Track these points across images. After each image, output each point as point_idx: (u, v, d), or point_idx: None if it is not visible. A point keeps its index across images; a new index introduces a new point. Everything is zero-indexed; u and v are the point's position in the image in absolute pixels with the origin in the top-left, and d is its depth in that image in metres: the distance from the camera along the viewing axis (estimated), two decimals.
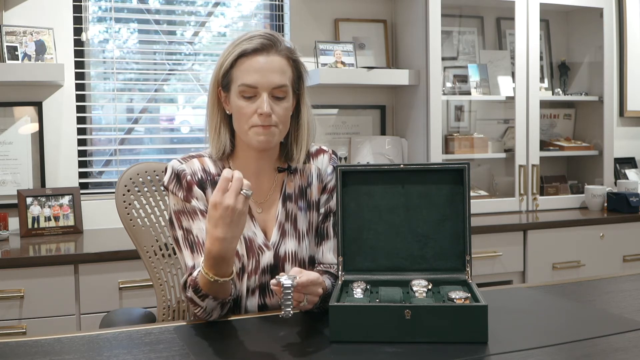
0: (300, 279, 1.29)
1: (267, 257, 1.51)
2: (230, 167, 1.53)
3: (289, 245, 1.54)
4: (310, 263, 1.58)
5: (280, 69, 1.45)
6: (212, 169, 1.52)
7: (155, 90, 3.08)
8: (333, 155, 1.64)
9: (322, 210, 1.60)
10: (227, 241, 1.27)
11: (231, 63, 1.45)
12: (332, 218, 1.60)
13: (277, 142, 1.52)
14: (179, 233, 1.48)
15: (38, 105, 2.79)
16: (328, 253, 1.58)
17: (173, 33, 3.11)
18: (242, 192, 1.25)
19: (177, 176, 1.48)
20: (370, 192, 1.47)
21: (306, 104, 1.55)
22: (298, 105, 1.54)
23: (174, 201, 1.49)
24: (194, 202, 1.47)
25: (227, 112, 1.50)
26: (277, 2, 3.22)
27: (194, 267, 1.44)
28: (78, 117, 2.88)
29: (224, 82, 1.48)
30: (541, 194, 3.32)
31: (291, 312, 1.24)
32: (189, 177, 1.47)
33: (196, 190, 1.47)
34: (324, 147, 1.64)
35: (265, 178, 1.55)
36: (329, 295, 1.40)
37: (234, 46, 1.46)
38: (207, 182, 1.50)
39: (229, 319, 1.43)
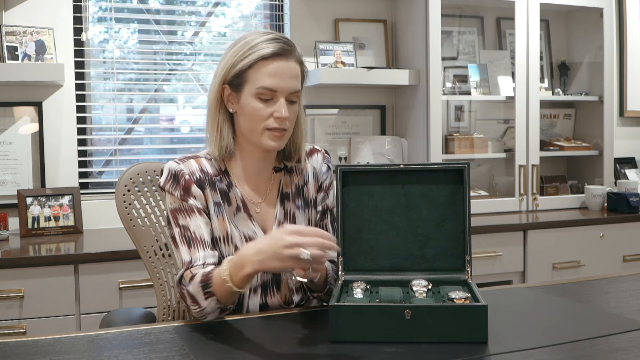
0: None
1: None
2: (227, 168, 1.54)
3: None
4: None
5: (296, 75, 1.47)
6: (209, 169, 1.52)
7: (155, 90, 3.08)
8: (326, 155, 1.66)
9: (319, 208, 1.61)
10: (261, 268, 1.29)
11: (250, 64, 1.44)
12: (329, 215, 1.62)
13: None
14: (176, 230, 1.47)
15: (38, 105, 2.79)
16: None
17: (173, 33, 3.11)
18: (304, 253, 1.22)
19: (175, 176, 1.48)
20: (370, 192, 1.47)
21: (302, 106, 1.57)
22: None
23: (170, 200, 1.49)
24: (192, 201, 1.47)
25: (231, 110, 1.50)
26: (277, 2, 3.22)
27: (190, 262, 1.43)
28: (78, 117, 2.88)
29: (235, 81, 1.47)
30: (541, 194, 3.32)
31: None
32: (187, 177, 1.47)
33: (195, 189, 1.47)
34: (317, 147, 1.66)
35: (263, 178, 1.56)
36: (329, 291, 1.43)
37: (250, 47, 1.44)
38: (205, 182, 1.50)
39: (229, 319, 1.43)
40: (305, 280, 1.28)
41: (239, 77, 1.46)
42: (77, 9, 2.86)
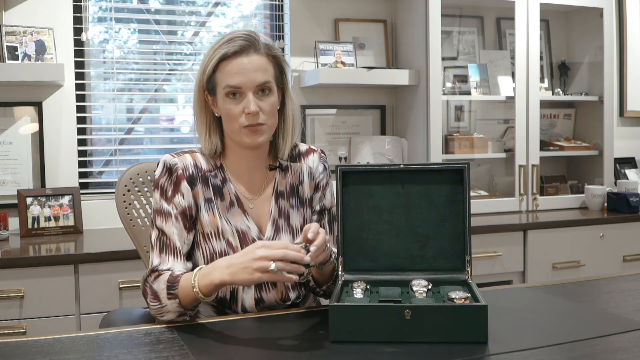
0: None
1: None
2: (222, 165, 1.56)
3: (284, 240, 1.55)
4: None
5: (261, 67, 1.48)
6: (203, 164, 1.54)
7: (155, 90, 3.08)
8: (322, 154, 1.67)
9: (317, 208, 1.63)
10: (229, 280, 1.34)
11: (213, 68, 1.48)
12: (328, 215, 1.64)
13: (268, 139, 1.55)
14: (154, 232, 1.51)
15: (38, 105, 2.79)
16: (331, 247, 1.61)
17: (173, 33, 3.10)
18: (272, 265, 1.27)
19: (169, 170, 1.51)
20: (370, 192, 1.47)
21: (291, 98, 1.58)
22: (283, 99, 1.57)
23: (156, 199, 1.51)
24: (177, 199, 1.49)
25: (217, 114, 1.53)
26: (277, 2, 3.22)
27: (157, 266, 1.46)
28: (78, 117, 2.88)
29: (209, 87, 1.51)
30: (541, 194, 3.32)
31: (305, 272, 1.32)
32: (180, 172, 1.50)
33: (184, 185, 1.50)
34: (313, 147, 1.68)
35: (257, 175, 1.58)
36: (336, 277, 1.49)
37: (214, 51, 1.49)
38: (197, 179, 1.52)
39: (229, 318, 1.43)
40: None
41: (210, 82, 1.50)
42: (77, 9, 2.86)
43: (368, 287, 1.42)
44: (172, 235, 1.48)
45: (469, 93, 3.28)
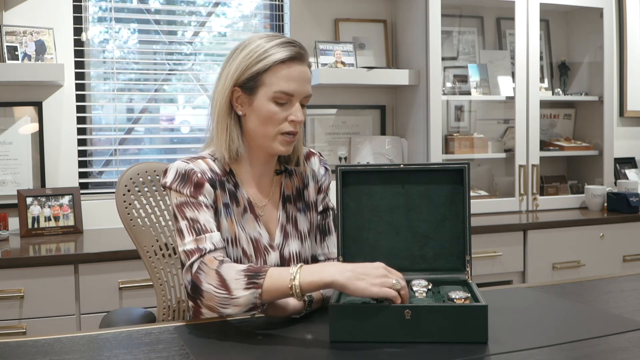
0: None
1: (273, 258, 1.52)
2: (232, 170, 1.53)
3: (293, 246, 1.55)
4: (312, 262, 1.61)
5: (309, 79, 1.49)
6: (217, 169, 1.50)
7: (155, 90, 3.08)
8: (321, 157, 1.68)
9: (320, 208, 1.63)
10: (342, 282, 1.26)
11: (266, 67, 1.43)
12: (330, 214, 1.65)
13: None
14: (183, 223, 1.41)
15: (38, 105, 2.79)
16: (334, 248, 1.62)
17: (173, 33, 3.11)
18: (394, 280, 1.25)
19: (184, 175, 1.44)
20: (370, 192, 1.47)
21: None
22: None
23: (176, 196, 1.44)
24: (202, 198, 1.43)
25: (240, 112, 1.49)
26: (277, 2, 3.22)
27: (202, 250, 1.37)
28: (78, 117, 2.88)
29: (248, 84, 1.45)
30: (541, 194, 3.32)
31: None
32: (199, 175, 1.44)
33: (207, 187, 1.44)
34: (312, 150, 1.68)
35: (266, 180, 1.57)
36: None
37: (265, 50, 1.44)
38: (216, 182, 1.48)
39: (229, 318, 1.43)
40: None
41: (253, 80, 1.45)
42: (77, 9, 2.86)
43: None
44: (207, 222, 1.41)
45: (469, 93, 3.28)
